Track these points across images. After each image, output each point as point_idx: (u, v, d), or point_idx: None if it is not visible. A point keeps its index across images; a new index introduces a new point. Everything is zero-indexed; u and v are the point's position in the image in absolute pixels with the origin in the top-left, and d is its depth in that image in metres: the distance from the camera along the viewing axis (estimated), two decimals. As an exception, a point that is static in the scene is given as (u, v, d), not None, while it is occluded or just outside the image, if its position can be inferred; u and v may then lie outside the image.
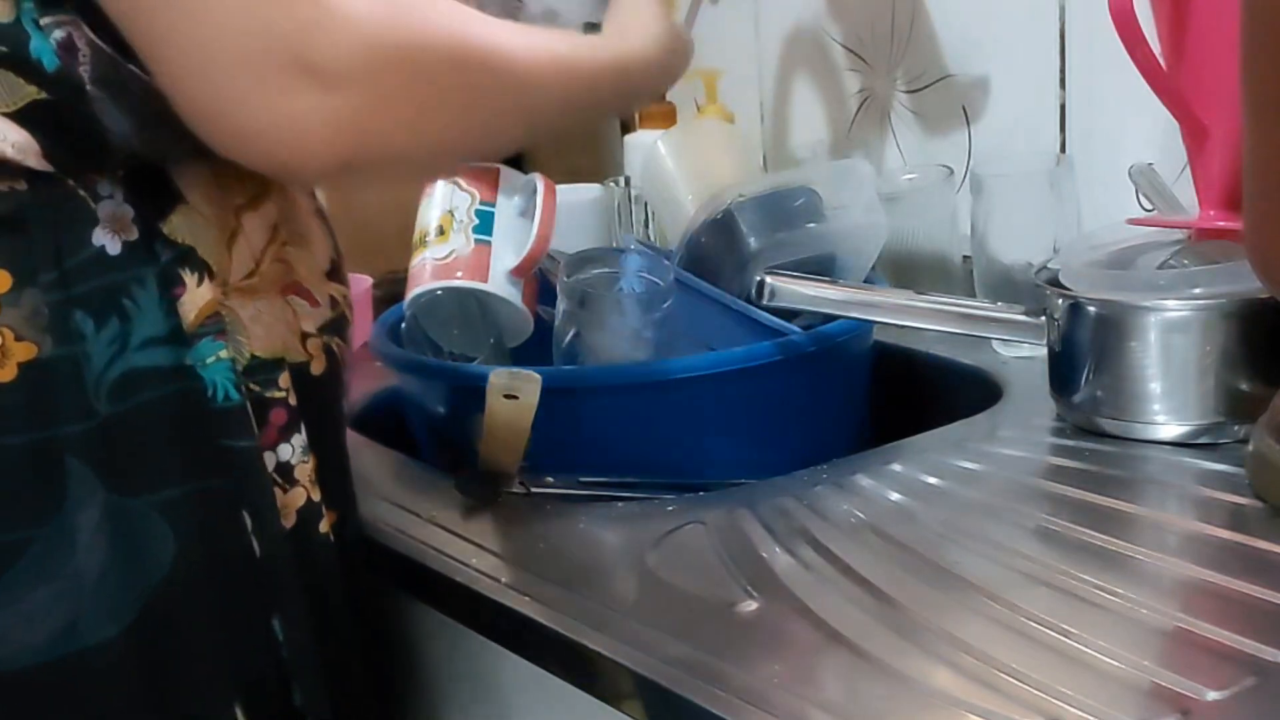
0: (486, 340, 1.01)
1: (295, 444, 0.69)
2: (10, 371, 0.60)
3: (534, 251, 0.95)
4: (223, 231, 0.67)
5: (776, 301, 0.91)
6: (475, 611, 0.73)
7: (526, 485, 0.85)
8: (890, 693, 0.57)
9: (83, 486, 0.61)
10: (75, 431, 0.61)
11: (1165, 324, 0.80)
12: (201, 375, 0.65)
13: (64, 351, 0.61)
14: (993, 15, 1.14)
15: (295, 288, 0.71)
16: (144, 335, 0.63)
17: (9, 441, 0.60)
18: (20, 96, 0.59)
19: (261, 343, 0.68)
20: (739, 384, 0.90)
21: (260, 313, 0.68)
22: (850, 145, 1.29)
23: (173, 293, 0.64)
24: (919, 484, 0.79)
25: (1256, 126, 0.64)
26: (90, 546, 0.62)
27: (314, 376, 0.72)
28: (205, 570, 0.65)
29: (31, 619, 0.61)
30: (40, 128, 0.60)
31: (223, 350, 0.65)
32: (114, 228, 0.63)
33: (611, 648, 0.63)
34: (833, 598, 0.65)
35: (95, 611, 0.62)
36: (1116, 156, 1.01)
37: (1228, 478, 0.75)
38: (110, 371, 0.62)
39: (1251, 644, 0.57)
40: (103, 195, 0.63)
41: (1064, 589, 0.64)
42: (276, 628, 0.68)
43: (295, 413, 0.69)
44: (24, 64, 0.59)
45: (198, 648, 0.65)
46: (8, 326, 0.60)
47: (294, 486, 0.69)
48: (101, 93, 0.60)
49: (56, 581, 0.61)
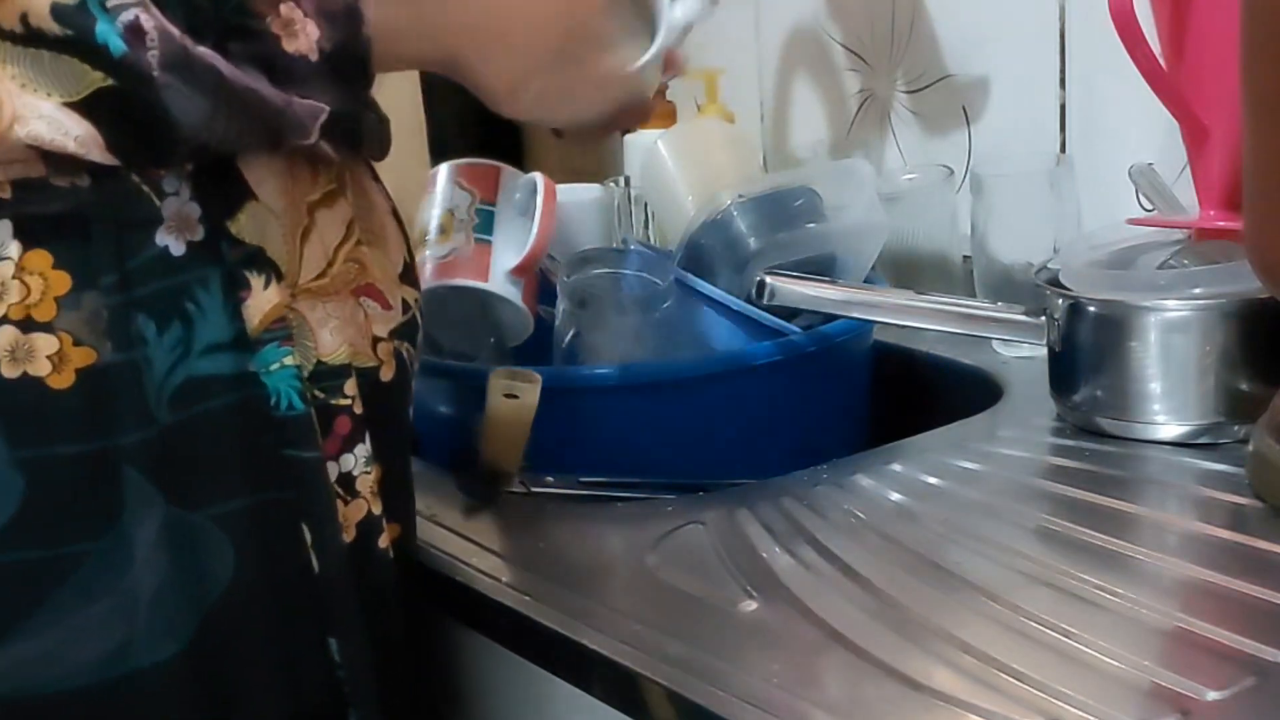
0: (486, 340, 1.01)
1: (359, 454, 0.66)
2: (67, 378, 0.57)
3: (534, 251, 0.95)
4: (294, 228, 0.64)
5: (776, 301, 0.91)
6: (475, 611, 0.73)
7: (526, 485, 0.85)
8: (890, 693, 0.57)
9: (141, 498, 0.58)
10: (134, 441, 0.58)
11: (1165, 324, 0.80)
12: (265, 383, 0.62)
13: (124, 357, 0.58)
14: (993, 15, 1.14)
15: (368, 289, 0.68)
16: (207, 341, 0.60)
17: (64, 451, 0.57)
18: (84, 85, 0.56)
19: (329, 348, 0.65)
20: (739, 384, 0.90)
21: (329, 315, 0.65)
22: (850, 145, 1.29)
23: (238, 296, 0.61)
24: (919, 484, 0.79)
25: (1256, 126, 0.64)
26: (148, 561, 0.59)
27: (383, 383, 0.68)
28: (263, 586, 0.62)
29: (83, 637, 0.58)
30: (104, 118, 0.56)
31: (288, 357, 0.62)
32: (178, 227, 0.60)
33: (611, 648, 0.63)
34: (833, 598, 0.65)
35: (152, 629, 0.59)
36: (1116, 156, 1.01)
37: (1228, 478, 0.75)
38: (172, 378, 0.59)
39: (1251, 644, 0.57)
40: (168, 192, 0.59)
41: (1064, 589, 0.64)
42: (333, 647, 0.65)
43: (360, 421, 0.66)
44: (89, 49, 0.55)
45: (254, 668, 0.63)
46: (66, 331, 0.57)
47: (355, 498, 0.66)
48: (171, 79, 0.56)
49: (110, 598, 0.58)
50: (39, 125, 0.55)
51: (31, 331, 0.57)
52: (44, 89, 0.56)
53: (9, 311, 0.56)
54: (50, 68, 0.56)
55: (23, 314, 0.57)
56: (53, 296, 0.57)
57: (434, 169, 0.99)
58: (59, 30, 0.55)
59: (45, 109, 0.56)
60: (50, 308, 0.57)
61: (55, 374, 0.57)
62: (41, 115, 0.56)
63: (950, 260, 1.14)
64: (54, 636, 0.58)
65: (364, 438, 0.66)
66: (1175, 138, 0.90)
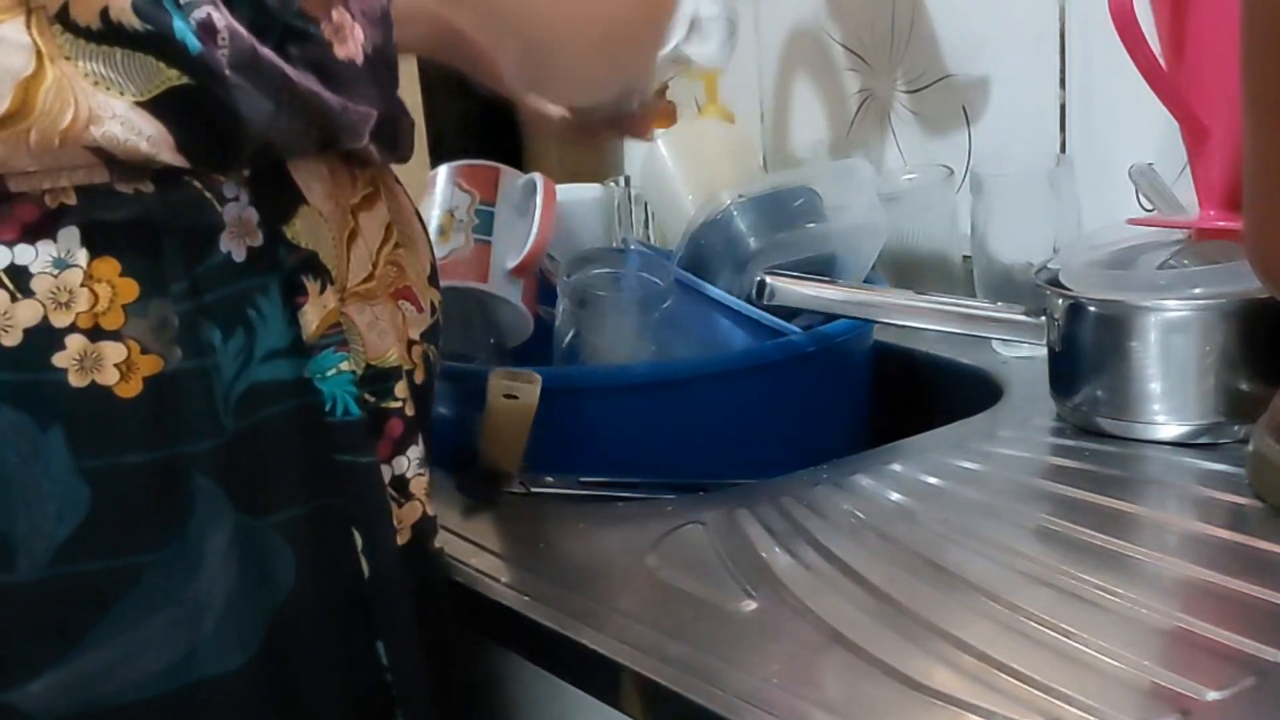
0: (486, 340, 1.01)
1: (411, 456, 0.66)
2: (135, 386, 0.56)
3: (534, 251, 0.95)
4: (341, 232, 0.64)
5: (776, 301, 0.91)
6: (474, 610, 0.73)
7: (526, 485, 0.85)
8: (890, 693, 0.57)
9: (212, 507, 0.58)
10: (203, 449, 0.58)
11: (1165, 324, 0.80)
12: (320, 389, 0.61)
13: (193, 365, 0.58)
14: (993, 15, 1.14)
15: (406, 292, 0.68)
16: (267, 347, 0.60)
17: (130, 460, 0.57)
18: (158, 83, 0.55)
19: (378, 350, 0.64)
20: (739, 384, 0.90)
21: (376, 319, 0.65)
22: (850, 145, 1.29)
23: (295, 301, 0.61)
24: (919, 484, 0.79)
25: (1256, 126, 0.64)
26: (218, 570, 0.58)
27: (417, 386, 0.68)
28: (320, 592, 0.62)
29: (148, 648, 0.57)
30: (175, 117, 0.56)
31: (344, 363, 0.62)
32: (240, 232, 0.60)
33: (611, 648, 0.63)
34: (833, 598, 0.65)
35: (219, 639, 0.59)
36: (1116, 156, 1.01)
37: (1228, 478, 0.75)
38: (237, 386, 0.59)
39: (1251, 644, 0.57)
40: (228, 197, 0.59)
41: (1064, 589, 0.64)
42: (380, 650, 0.64)
43: (412, 423, 0.66)
44: (166, 46, 0.55)
45: (313, 673, 0.62)
46: (134, 339, 0.56)
47: (409, 500, 0.66)
48: (240, 79, 0.57)
49: (175, 607, 0.58)
50: (113, 126, 0.55)
51: (100, 340, 0.56)
52: (117, 87, 0.55)
53: (77, 319, 0.56)
54: (123, 65, 0.55)
55: (90, 322, 0.56)
56: (120, 304, 0.57)
57: (433, 170, 0.99)
58: (140, 26, 0.55)
59: (119, 109, 0.55)
60: (118, 316, 0.57)
61: (123, 382, 0.57)
62: (115, 115, 0.55)
63: (950, 260, 1.15)
64: (118, 648, 0.57)
65: (417, 439, 0.66)
66: (1175, 138, 0.90)
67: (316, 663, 0.62)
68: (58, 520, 0.56)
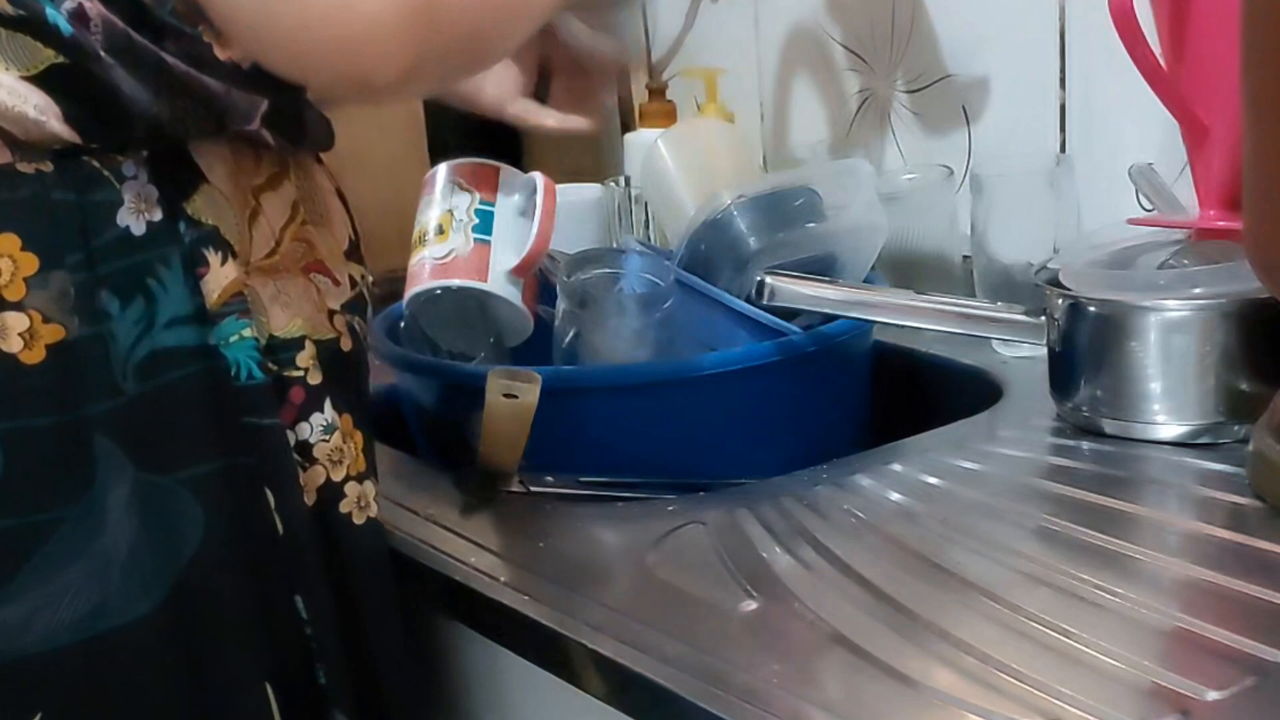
0: (486, 340, 1.01)
1: (314, 423, 0.69)
2: (38, 353, 0.60)
3: (534, 251, 0.95)
4: (242, 211, 0.67)
5: (776, 301, 0.91)
6: (473, 610, 0.73)
7: (526, 485, 0.85)
8: (890, 693, 0.57)
9: (112, 465, 0.62)
10: (103, 411, 0.61)
11: (1165, 324, 0.80)
12: (224, 354, 0.65)
13: (91, 332, 0.61)
14: (993, 15, 1.14)
15: (318, 266, 0.71)
16: (169, 315, 0.64)
17: (38, 423, 0.60)
18: (39, 60, 0.59)
19: (281, 321, 0.68)
20: (739, 384, 0.90)
21: (281, 291, 0.68)
22: (850, 145, 1.29)
23: (197, 272, 0.65)
24: (919, 484, 0.79)
25: (1256, 126, 0.64)
26: (120, 524, 0.62)
27: (343, 353, 0.72)
28: (232, 548, 0.65)
29: (61, 599, 0.61)
30: (60, 91, 0.60)
31: (246, 329, 0.66)
32: (138, 208, 0.63)
33: (611, 648, 0.63)
34: (833, 598, 0.65)
35: (126, 590, 0.62)
36: (1116, 156, 1.01)
37: (1228, 478, 0.75)
38: (137, 351, 0.63)
39: (1251, 644, 0.57)
40: (127, 175, 0.63)
41: (1064, 589, 0.64)
42: (300, 606, 0.68)
43: (316, 391, 0.69)
44: (40, 28, 0.59)
45: (227, 626, 0.66)
46: (35, 309, 0.60)
47: (313, 465, 0.69)
48: (115, 61, 0.60)
49: (85, 560, 0.61)
50: (1, 94, 0.59)
51: (4, 310, 0.59)
52: (2, 62, 0.59)
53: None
54: (7, 43, 0.59)
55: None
56: (22, 277, 0.60)
57: (432, 169, 0.99)
58: (12, 10, 0.59)
59: (5, 80, 0.59)
60: (20, 287, 0.60)
61: (27, 350, 0.60)
62: (2, 85, 0.59)
63: (950, 260, 1.14)
64: (33, 600, 0.60)
65: (321, 407, 0.70)
66: (1175, 138, 0.90)
67: (230, 613, 0.66)
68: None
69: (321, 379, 0.70)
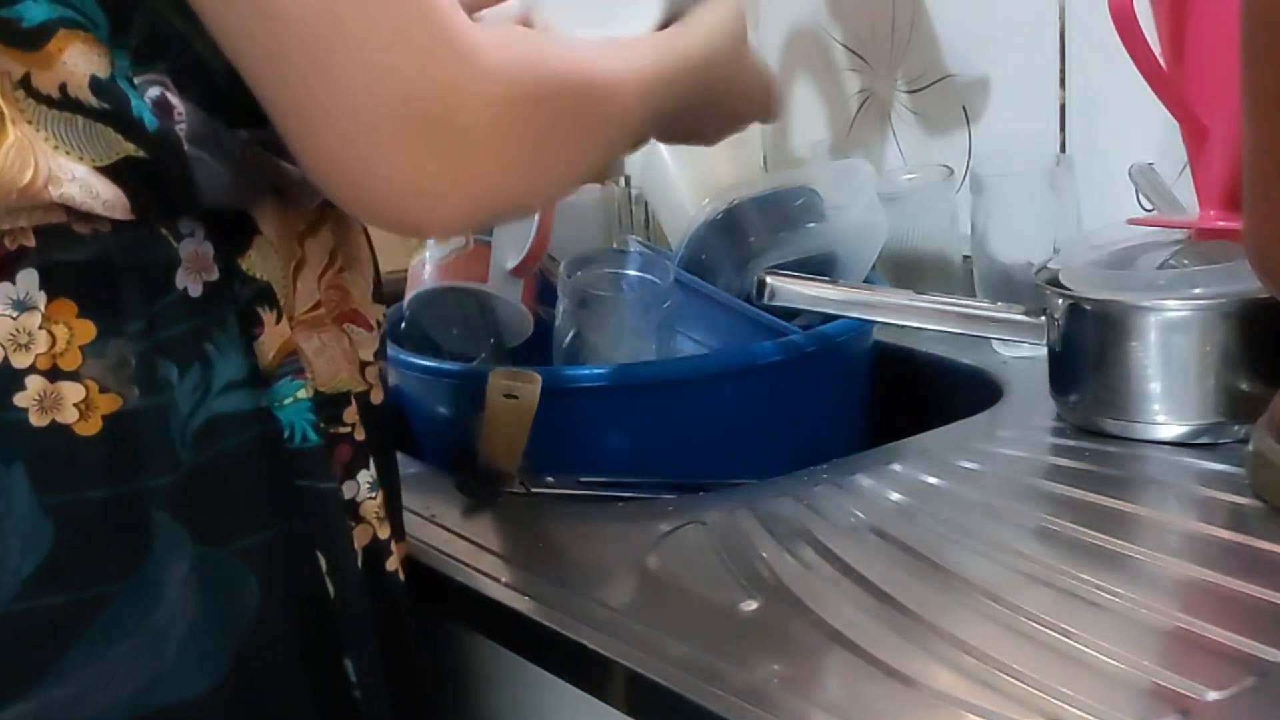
0: (486, 340, 1.01)
1: (361, 480, 0.67)
2: (94, 425, 0.57)
3: (534, 251, 0.95)
4: (288, 261, 0.65)
5: (776, 301, 0.91)
6: (474, 610, 0.73)
7: (526, 485, 0.85)
8: (890, 693, 0.57)
9: (169, 539, 0.59)
10: (161, 484, 0.59)
11: (1165, 324, 0.80)
12: (278, 416, 0.62)
13: (150, 402, 0.59)
14: (993, 15, 1.14)
15: (351, 315, 0.69)
16: (225, 379, 0.61)
17: (91, 496, 0.57)
18: (116, 152, 0.57)
19: (325, 378, 0.66)
20: (739, 384, 0.90)
21: (324, 346, 0.66)
22: (850, 145, 1.29)
23: (252, 332, 0.62)
24: (919, 484, 0.79)
25: (1256, 126, 0.64)
26: (178, 600, 0.59)
27: (375, 406, 0.69)
28: (285, 615, 0.63)
29: (110, 678, 0.58)
30: (131, 184, 0.57)
31: (301, 390, 0.63)
32: (196, 268, 0.60)
33: (611, 648, 0.63)
34: (833, 598, 0.65)
35: (182, 667, 0.59)
36: (1116, 156, 1.01)
37: (1228, 478, 0.75)
38: (194, 420, 0.60)
39: (1251, 644, 0.57)
40: (184, 234, 0.60)
41: (1064, 589, 0.64)
42: (349, 668, 0.65)
43: (361, 448, 0.67)
44: (125, 122, 0.57)
45: (283, 695, 0.63)
46: (92, 379, 0.57)
47: (360, 523, 0.67)
48: (199, 152, 0.59)
49: (136, 638, 0.58)
50: (72, 188, 0.56)
51: (59, 380, 0.57)
52: (76, 152, 0.57)
53: (36, 361, 0.57)
54: (84, 133, 0.57)
55: (49, 363, 0.57)
56: (78, 345, 0.57)
57: (602, 172, 0.98)
58: (96, 103, 0.56)
59: (78, 172, 0.56)
60: (76, 356, 0.57)
61: (82, 421, 0.57)
62: (75, 178, 0.56)
63: (950, 260, 1.14)
64: (82, 679, 0.58)
65: (367, 463, 0.67)
66: (1175, 138, 0.90)
67: (284, 683, 0.63)
68: (22, 556, 0.56)
69: (365, 435, 0.67)
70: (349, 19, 0.55)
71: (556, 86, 0.61)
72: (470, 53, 0.57)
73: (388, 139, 0.56)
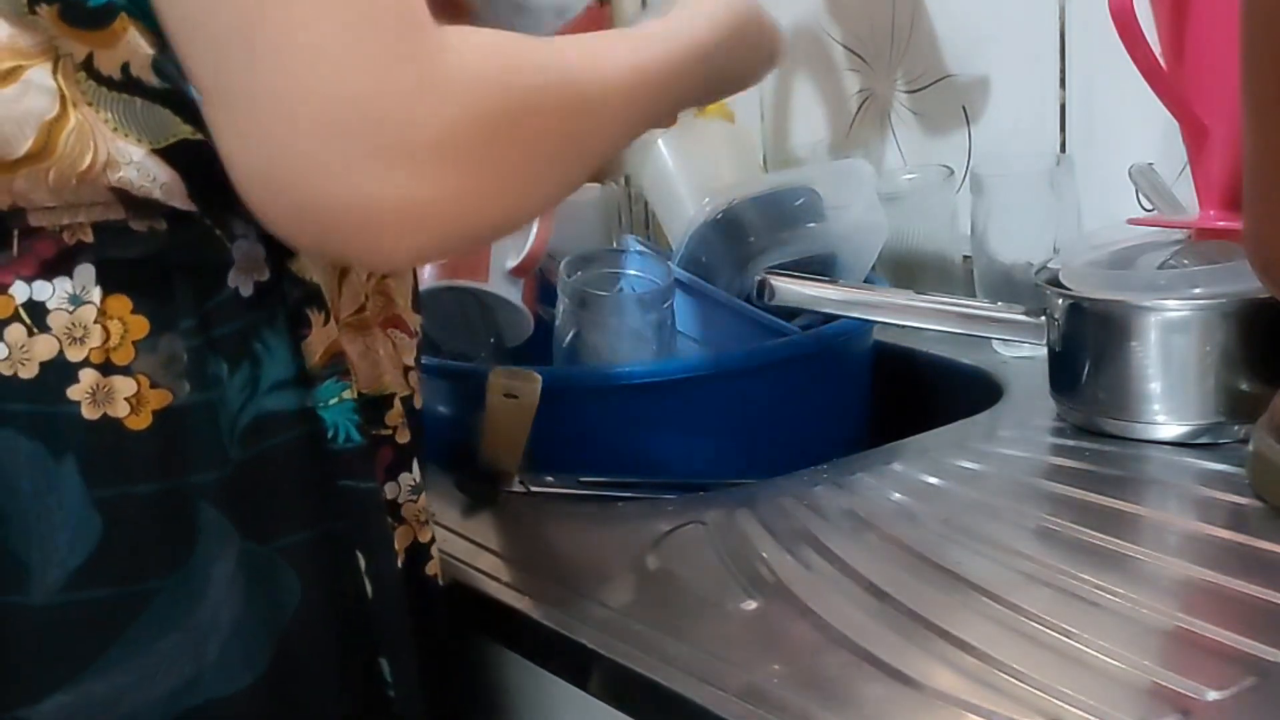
0: (486, 340, 1.01)
1: (403, 483, 0.67)
2: (145, 419, 0.58)
3: (534, 251, 0.95)
4: (334, 267, 0.65)
5: (776, 301, 0.91)
6: (474, 610, 0.73)
7: (526, 485, 0.85)
8: (890, 693, 0.57)
9: (217, 534, 0.59)
10: (210, 480, 0.59)
11: (1165, 324, 0.80)
12: (323, 416, 0.62)
13: (200, 398, 0.59)
14: (993, 15, 1.14)
15: (395, 320, 0.69)
16: (273, 378, 0.61)
17: (140, 490, 0.58)
18: (172, 134, 0.56)
19: (367, 380, 0.66)
20: (739, 384, 0.90)
21: (367, 349, 0.66)
22: (850, 145, 1.29)
23: (300, 333, 0.62)
24: (919, 484, 0.79)
25: (1256, 126, 0.64)
26: (223, 595, 0.59)
27: (417, 410, 0.70)
28: (324, 614, 0.63)
29: (155, 672, 0.58)
30: (188, 167, 0.57)
31: (346, 391, 0.63)
32: (248, 268, 0.60)
33: (611, 648, 0.63)
34: (833, 598, 0.65)
35: (225, 662, 0.60)
36: (1116, 156, 1.01)
37: (1228, 478, 0.75)
38: (243, 417, 0.60)
39: (1251, 644, 0.57)
40: (237, 234, 0.60)
41: (1064, 589, 0.64)
42: (384, 668, 0.65)
43: (403, 450, 0.67)
44: (180, 102, 0.56)
45: (319, 693, 0.63)
46: (144, 374, 0.58)
47: (401, 525, 0.67)
48: None
49: (182, 632, 0.59)
50: (130, 171, 0.56)
51: (111, 374, 0.58)
52: (134, 134, 0.57)
53: (90, 355, 0.57)
54: (142, 115, 0.56)
55: (103, 357, 0.57)
56: (131, 340, 0.58)
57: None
58: (158, 83, 0.56)
59: (136, 155, 0.56)
60: (129, 351, 0.58)
61: (133, 415, 0.58)
62: (132, 161, 0.56)
63: (950, 260, 1.15)
64: (127, 672, 0.58)
65: (410, 466, 0.68)
66: (1175, 138, 0.90)
67: (320, 682, 0.63)
68: (70, 548, 0.57)
69: (409, 438, 0.67)
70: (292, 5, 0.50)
71: (535, 102, 0.55)
72: (432, 59, 0.51)
73: (332, 153, 0.50)
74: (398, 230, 0.52)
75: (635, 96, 0.64)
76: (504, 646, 0.72)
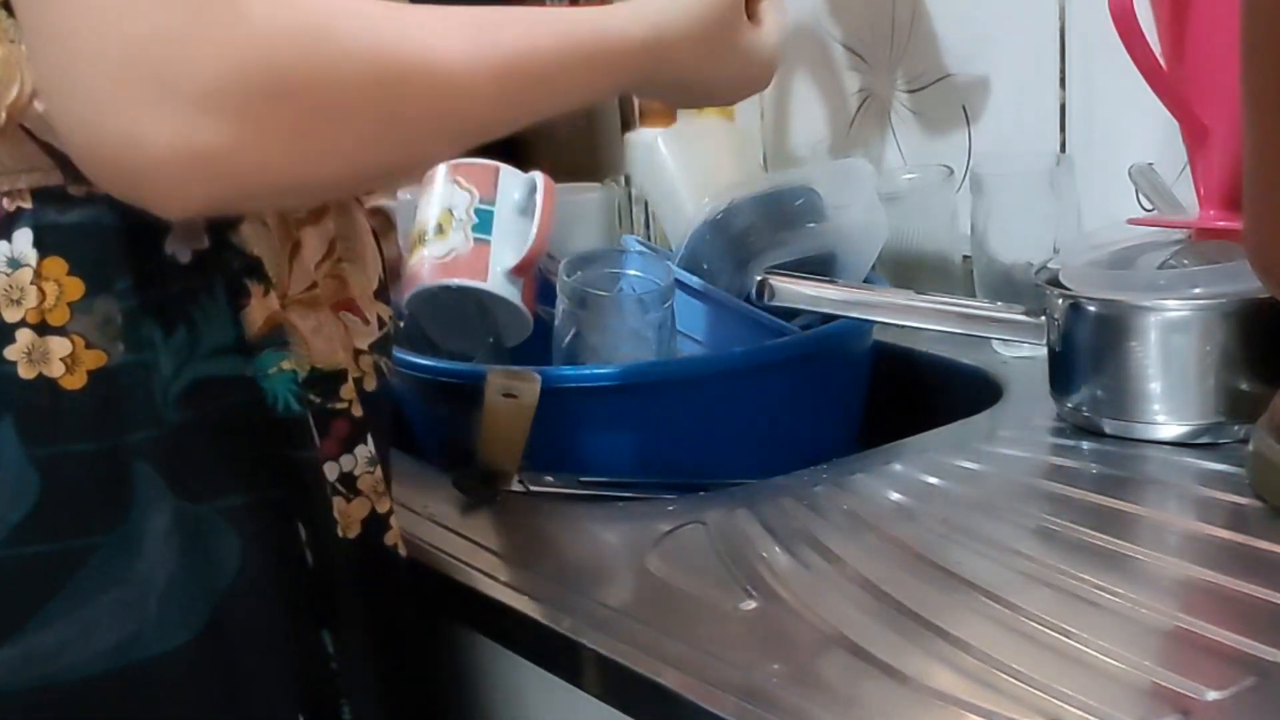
0: (486, 339, 1.01)
1: (359, 455, 0.68)
2: (80, 379, 0.59)
3: (534, 251, 0.95)
4: (284, 244, 0.66)
5: (776, 301, 0.91)
6: (473, 610, 0.73)
7: (526, 485, 0.85)
8: (890, 692, 0.57)
9: (151, 492, 0.60)
10: (144, 438, 0.60)
11: (1165, 324, 0.80)
12: (263, 385, 0.64)
13: (134, 359, 0.60)
14: (993, 15, 1.14)
15: (348, 304, 0.70)
16: (211, 345, 0.63)
17: (77, 449, 0.59)
18: None
19: (323, 355, 0.67)
20: (739, 384, 0.90)
21: (320, 325, 0.67)
22: (850, 145, 1.29)
23: (239, 303, 0.63)
24: (919, 484, 0.79)
25: (1256, 126, 0.64)
26: (159, 552, 0.61)
27: (368, 392, 0.71)
28: (267, 579, 0.64)
29: (96, 627, 0.60)
30: None
31: (285, 361, 0.64)
32: (184, 236, 0.62)
33: (611, 648, 0.63)
34: (832, 598, 0.65)
35: (164, 618, 0.61)
36: (1116, 156, 1.01)
37: (1228, 478, 0.75)
38: (178, 380, 0.62)
39: (1251, 644, 0.57)
40: None
41: (1064, 589, 0.64)
42: (326, 641, 0.67)
43: (358, 423, 0.68)
44: None
45: (262, 657, 0.64)
46: (79, 334, 0.59)
47: (357, 496, 0.68)
48: None
49: (121, 588, 0.60)
50: None
51: (47, 335, 0.59)
52: None
53: (26, 315, 0.59)
54: None
55: (38, 318, 0.59)
56: (66, 302, 0.59)
57: (432, 168, 0.99)
58: None
59: None
60: (64, 312, 0.59)
61: (68, 375, 0.59)
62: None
63: (950, 260, 1.15)
64: (67, 627, 0.59)
65: (365, 439, 0.69)
66: (1175, 138, 0.90)
67: (261, 646, 0.65)
68: (9, 505, 0.58)
69: (363, 413, 0.69)
70: None
71: (341, 74, 0.54)
72: (231, 6, 0.51)
73: (113, 92, 0.50)
74: (178, 175, 0.52)
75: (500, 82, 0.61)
76: (503, 646, 0.72)
